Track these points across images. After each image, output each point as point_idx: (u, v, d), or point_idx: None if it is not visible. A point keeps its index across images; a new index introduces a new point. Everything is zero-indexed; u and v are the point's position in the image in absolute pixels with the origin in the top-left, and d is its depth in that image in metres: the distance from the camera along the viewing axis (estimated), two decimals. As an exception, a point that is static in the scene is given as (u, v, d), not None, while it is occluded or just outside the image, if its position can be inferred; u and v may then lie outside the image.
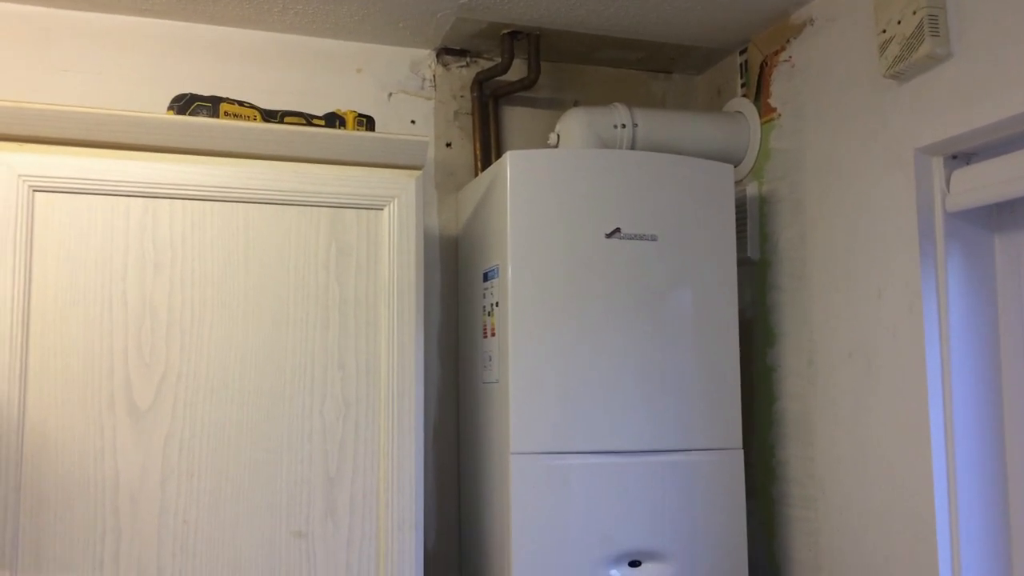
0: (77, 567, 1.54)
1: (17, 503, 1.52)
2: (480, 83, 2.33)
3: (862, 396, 1.87)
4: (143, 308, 1.62)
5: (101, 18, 2.10)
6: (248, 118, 1.83)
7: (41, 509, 1.53)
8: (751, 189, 2.24)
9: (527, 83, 2.29)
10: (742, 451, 1.98)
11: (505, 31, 2.23)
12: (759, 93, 2.24)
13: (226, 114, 1.82)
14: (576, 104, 2.38)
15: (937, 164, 1.76)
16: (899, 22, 1.74)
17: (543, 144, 2.23)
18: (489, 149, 2.32)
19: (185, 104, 1.80)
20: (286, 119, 1.88)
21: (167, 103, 1.89)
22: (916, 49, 1.70)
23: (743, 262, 2.21)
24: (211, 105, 1.81)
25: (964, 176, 1.73)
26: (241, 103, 1.85)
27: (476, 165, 2.31)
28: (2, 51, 2.03)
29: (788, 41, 2.14)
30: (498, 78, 2.31)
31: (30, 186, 1.58)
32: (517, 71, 2.30)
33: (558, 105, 2.41)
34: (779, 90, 2.17)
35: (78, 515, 1.55)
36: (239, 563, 1.62)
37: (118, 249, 1.62)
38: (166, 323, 1.62)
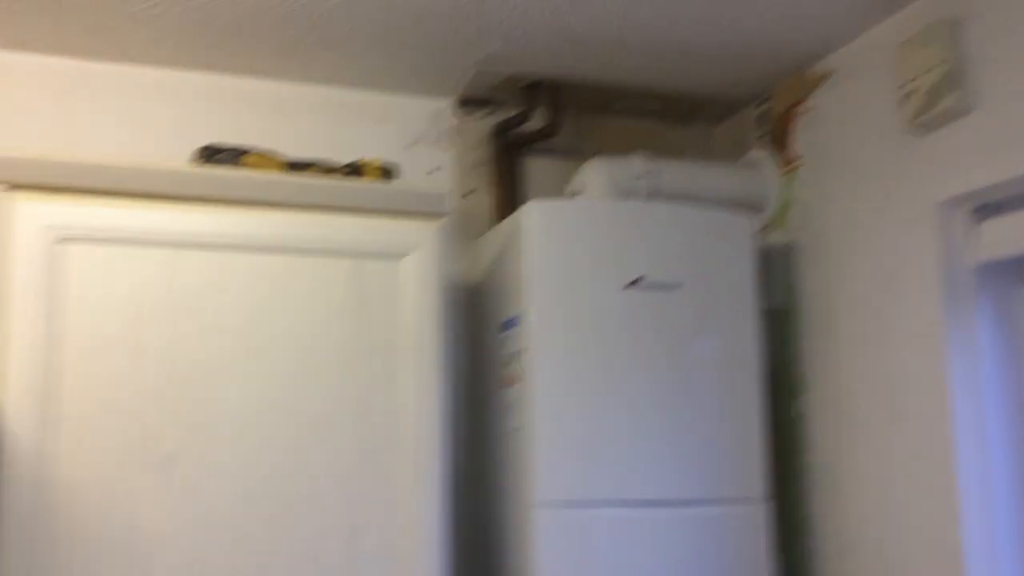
0: (95, 621, 1.52)
1: (47, 550, 1.51)
2: (500, 133, 2.35)
3: (889, 449, 1.84)
4: (166, 357, 1.62)
5: (130, 70, 2.13)
6: (271, 168, 1.85)
7: (70, 556, 1.52)
8: (774, 238, 2.23)
9: (547, 133, 2.31)
10: (767, 503, 1.95)
11: (525, 83, 2.25)
12: (779, 143, 2.25)
13: (249, 164, 1.83)
14: (596, 154, 2.39)
15: (960, 217, 1.75)
16: (920, 75, 1.75)
17: (563, 193, 2.23)
18: (508, 199, 2.33)
19: (210, 155, 1.82)
20: (308, 169, 1.89)
21: (193, 153, 1.92)
22: (938, 102, 1.70)
23: (768, 311, 2.19)
24: (235, 156, 1.83)
25: (991, 228, 1.72)
26: (265, 153, 1.87)
27: (496, 214, 2.32)
28: (32, 102, 2.06)
29: (809, 92, 2.15)
30: (518, 128, 2.33)
31: (56, 236, 1.59)
32: (537, 121, 2.32)
33: (578, 155, 2.41)
34: (799, 140, 2.18)
35: (103, 564, 1.54)
36: (257, 617, 1.60)
37: (143, 298, 1.62)
38: (188, 372, 1.62)
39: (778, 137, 2.25)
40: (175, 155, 2.08)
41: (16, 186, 1.58)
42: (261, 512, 1.62)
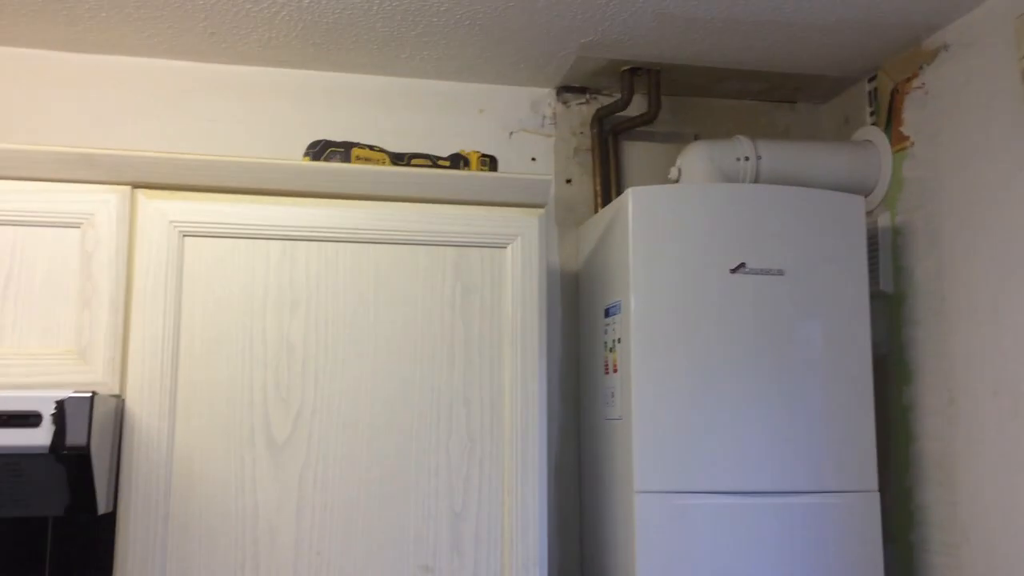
0: (221, 595, 1.62)
1: (165, 533, 1.61)
2: (600, 119, 2.35)
3: (1010, 437, 1.77)
4: (281, 346, 1.69)
5: (243, 70, 2.23)
6: (378, 162, 1.91)
7: (187, 538, 1.62)
8: (883, 220, 2.16)
9: (647, 118, 2.29)
10: (878, 494, 1.90)
11: (625, 68, 2.24)
12: (890, 121, 2.17)
13: (357, 158, 1.90)
14: (697, 138, 2.37)
15: (1089, 193, 1.66)
16: (1043, 45, 1.66)
17: (664, 179, 2.22)
18: (609, 185, 2.33)
19: (320, 150, 1.89)
20: (413, 161, 1.95)
21: (303, 149, 2.00)
22: (1063, 73, 1.62)
23: (876, 296, 2.13)
24: (343, 150, 1.89)
25: (1120, 205, 1.63)
26: (371, 147, 1.93)
27: (596, 201, 2.32)
28: (151, 103, 2.18)
29: (921, 67, 2.07)
30: (618, 114, 2.33)
31: (180, 231, 1.69)
32: (637, 106, 2.31)
33: (679, 139, 2.39)
34: (912, 118, 2.10)
35: (220, 545, 1.63)
36: (370, 595, 1.66)
37: (258, 289, 1.70)
38: (302, 360, 1.70)
39: (889, 115, 2.18)
40: (287, 151, 2.17)
41: (140, 185, 1.68)
42: (369, 496, 1.69)
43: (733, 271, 1.90)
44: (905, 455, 2.06)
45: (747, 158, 2.09)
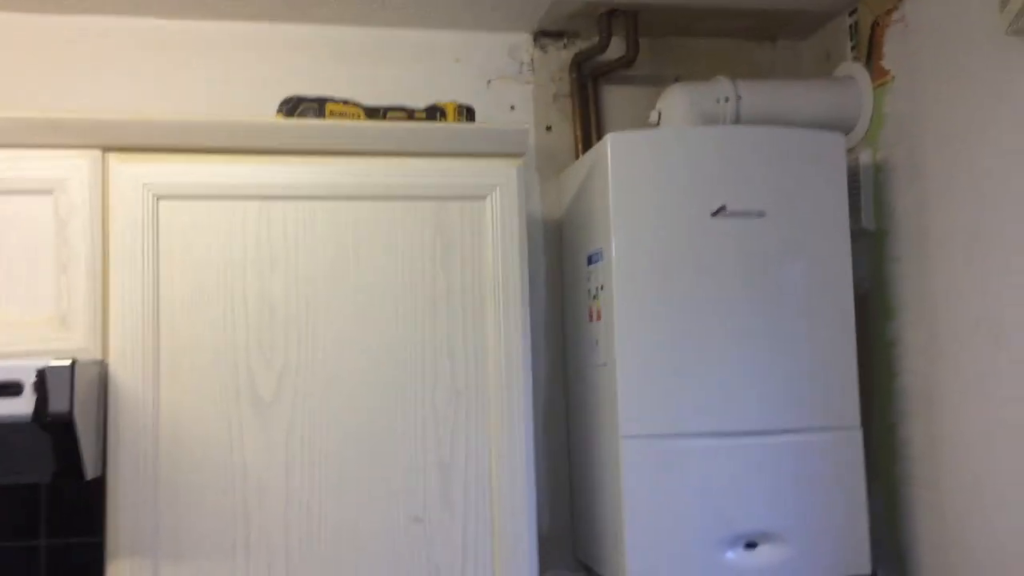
0: (212, 554, 1.64)
1: (155, 495, 1.63)
2: (579, 64, 2.31)
3: (991, 371, 1.79)
4: (262, 305, 1.69)
5: (210, 25, 2.18)
6: (352, 116, 1.89)
7: (177, 499, 1.64)
8: (864, 157, 2.15)
9: (626, 61, 2.26)
10: (861, 430, 1.92)
11: (602, 10, 2.21)
12: (871, 56, 2.15)
13: (331, 113, 1.88)
14: (678, 79, 2.34)
15: (1068, 124, 1.65)
16: (1021, -26, 1.63)
17: (645, 123, 2.20)
18: (590, 131, 2.31)
19: (293, 106, 1.87)
20: (389, 114, 1.93)
21: (276, 106, 1.97)
22: (1041, 2, 1.59)
23: (857, 233, 2.12)
24: (317, 106, 1.87)
25: (1099, 135, 1.62)
26: (345, 102, 1.91)
27: (577, 147, 2.30)
28: (119, 63, 2.14)
29: (900, 0, 2.04)
30: (597, 58, 2.29)
31: (154, 194, 1.67)
32: (616, 50, 2.27)
33: (659, 82, 2.36)
34: (892, 52, 2.08)
35: (210, 504, 1.65)
36: (362, 548, 1.69)
37: (237, 250, 1.70)
38: (283, 319, 1.70)
39: (869, 49, 2.15)
40: (260, 108, 2.14)
41: (111, 148, 1.67)
42: (358, 451, 1.70)
43: (714, 214, 1.90)
44: (888, 391, 2.08)
45: (727, 99, 2.07)
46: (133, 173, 1.66)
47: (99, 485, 1.66)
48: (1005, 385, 1.75)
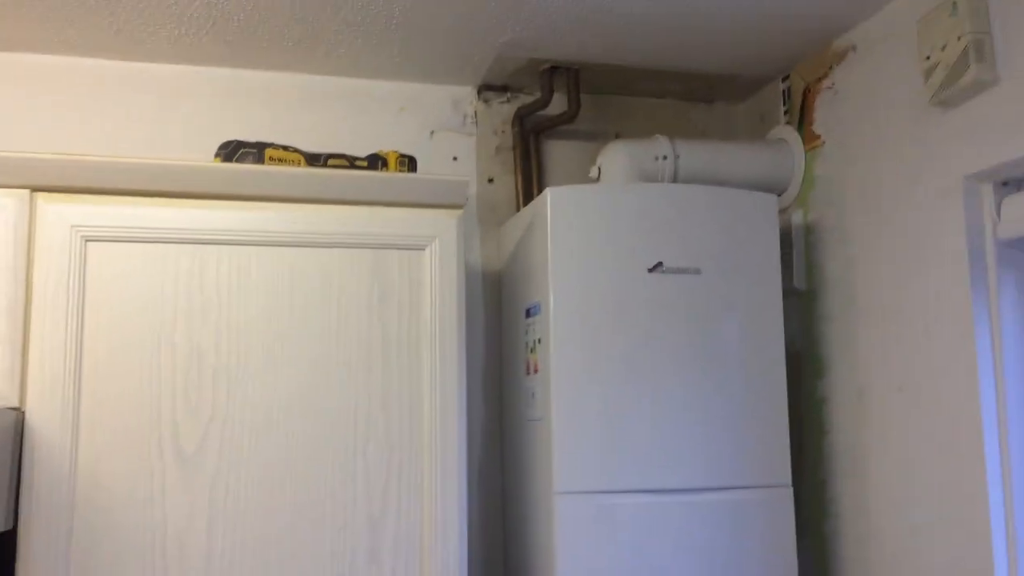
0: (127, 612, 1.57)
1: (68, 550, 1.55)
2: (521, 118, 2.34)
3: (913, 431, 1.82)
4: (190, 353, 1.65)
5: (151, 68, 2.16)
6: (293, 162, 1.87)
7: (92, 555, 1.57)
8: (796, 218, 2.21)
9: (568, 117, 2.30)
10: (791, 488, 1.94)
11: (545, 67, 2.24)
12: (802, 120, 2.22)
13: (271, 159, 1.86)
14: (617, 136, 2.38)
15: (987, 191, 1.72)
16: (944, 48, 1.71)
17: (585, 177, 2.23)
18: (531, 183, 2.33)
19: (232, 151, 1.84)
20: (330, 162, 1.91)
21: (214, 150, 1.95)
22: (962, 75, 1.67)
23: (789, 293, 2.17)
24: (256, 151, 1.85)
25: (1015, 203, 1.69)
26: (286, 148, 1.89)
27: (518, 200, 2.32)
28: (55, 104, 2.10)
29: (831, 67, 2.11)
30: (539, 113, 2.33)
31: (82, 236, 1.63)
32: (558, 105, 2.31)
33: (599, 137, 2.41)
34: (823, 117, 2.15)
35: (128, 561, 1.58)
36: (286, 605, 1.63)
37: (167, 296, 1.65)
38: (213, 368, 1.65)
39: (801, 114, 2.22)
40: (198, 152, 2.11)
41: (39, 188, 1.62)
42: (286, 504, 1.65)
43: (651, 270, 1.92)
44: (818, 448, 2.11)
45: (665, 157, 2.11)
46: (61, 214, 1.62)
47: (10, 538, 1.58)
48: (923, 446, 1.79)
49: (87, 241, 1.63)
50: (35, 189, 1.62)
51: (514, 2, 1.88)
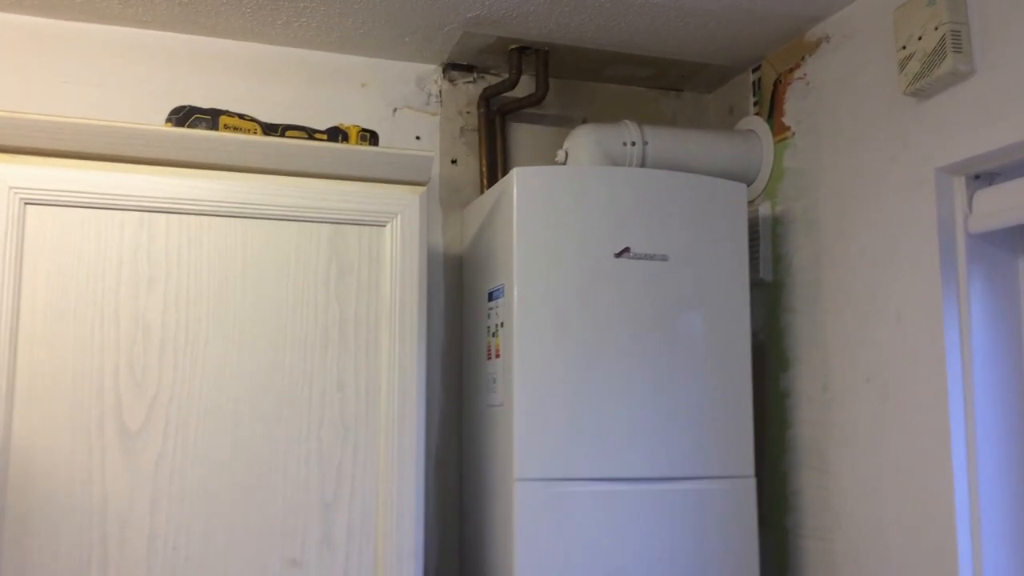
0: (59, 597, 1.48)
1: (5, 528, 1.46)
2: (487, 99, 2.28)
3: (880, 423, 1.81)
4: (136, 326, 1.56)
5: (102, 29, 2.06)
6: (248, 131, 1.79)
7: (25, 534, 1.47)
8: (764, 209, 2.18)
9: (535, 99, 2.24)
10: (754, 479, 1.92)
11: (513, 47, 2.19)
12: (772, 111, 2.19)
13: (226, 127, 1.78)
14: (585, 121, 2.33)
15: (959, 184, 1.71)
16: (920, 38, 1.69)
17: (551, 161, 2.18)
18: (495, 166, 2.28)
19: (184, 116, 1.76)
20: (287, 133, 1.84)
21: (166, 115, 1.86)
22: (938, 66, 1.65)
23: (756, 283, 2.15)
24: (210, 118, 1.77)
25: (987, 197, 1.68)
26: (241, 116, 1.81)
27: (482, 182, 2.26)
28: (1, 62, 1.99)
29: (803, 58, 2.09)
30: (505, 94, 2.27)
31: (21, 199, 1.53)
32: (525, 87, 2.25)
33: (566, 122, 2.36)
34: (793, 108, 2.13)
35: (64, 541, 1.49)
36: (231, 593, 1.55)
37: (111, 264, 1.56)
38: (159, 341, 1.57)
39: (771, 105, 2.20)
40: (147, 117, 2.01)
41: (-22, 146, 1.52)
42: (234, 486, 1.58)
43: (618, 255, 1.88)
44: (782, 441, 2.09)
45: (634, 143, 2.07)
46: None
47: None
48: (890, 438, 1.78)
49: (26, 204, 1.53)
50: (-28, 147, 1.52)
51: (485, -26, 1.82)
